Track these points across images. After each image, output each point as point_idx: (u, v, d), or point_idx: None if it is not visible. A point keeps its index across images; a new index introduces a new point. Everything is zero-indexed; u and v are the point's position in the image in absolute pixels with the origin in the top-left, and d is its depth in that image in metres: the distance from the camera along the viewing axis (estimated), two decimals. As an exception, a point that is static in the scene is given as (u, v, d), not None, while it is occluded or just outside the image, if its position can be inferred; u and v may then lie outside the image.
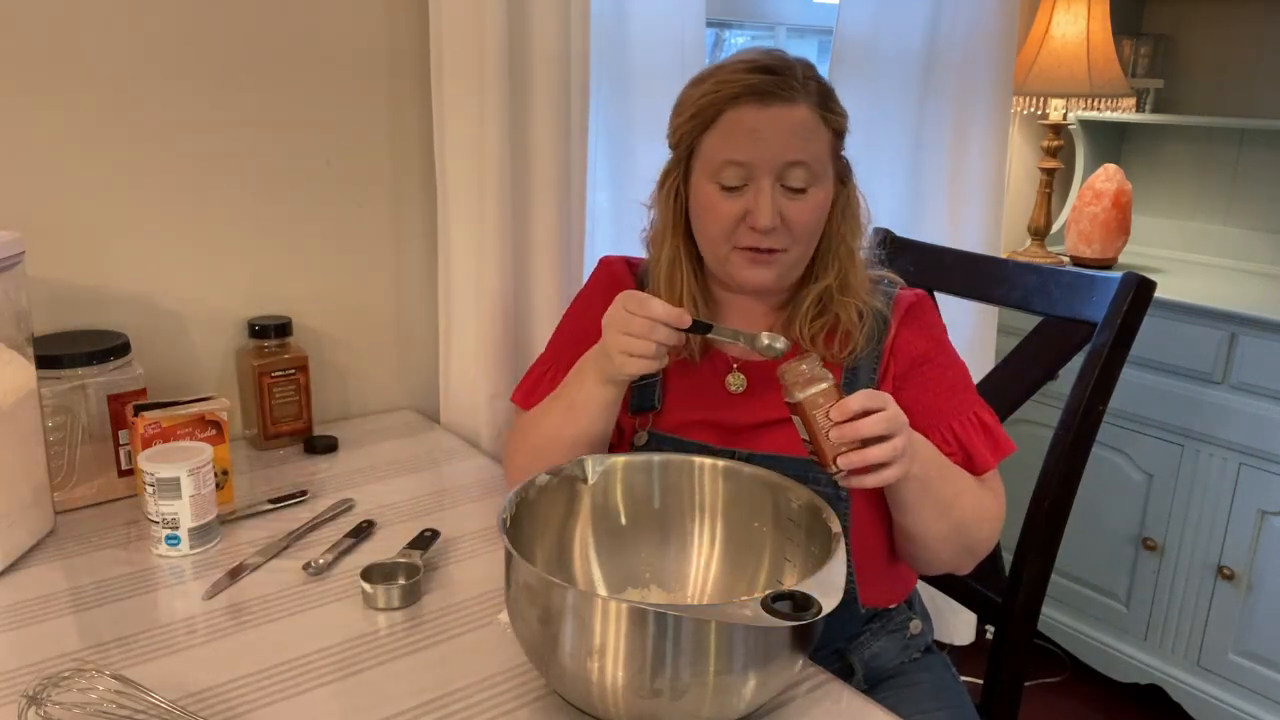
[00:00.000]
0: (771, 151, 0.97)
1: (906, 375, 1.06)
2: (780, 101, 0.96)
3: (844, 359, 1.05)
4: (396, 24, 1.42)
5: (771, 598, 0.70)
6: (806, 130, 0.98)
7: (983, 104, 1.92)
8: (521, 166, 1.47)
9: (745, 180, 0.98)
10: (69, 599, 0.96)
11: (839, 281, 1.04)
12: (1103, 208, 2.16)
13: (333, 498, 1.21)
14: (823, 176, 1.00)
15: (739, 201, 0.99)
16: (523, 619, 0.77)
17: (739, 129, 0.98)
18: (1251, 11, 2.29)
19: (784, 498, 0.90)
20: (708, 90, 0.99)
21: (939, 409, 1.04)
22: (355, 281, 1.48)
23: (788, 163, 0.97)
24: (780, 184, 0.98)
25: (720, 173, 0.99)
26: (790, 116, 0.97)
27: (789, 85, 0.97)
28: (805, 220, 0.99)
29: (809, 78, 0.99)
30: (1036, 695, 2.15)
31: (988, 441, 1.04)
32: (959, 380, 1.07)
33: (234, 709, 0.79)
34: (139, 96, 1.25)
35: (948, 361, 1.07)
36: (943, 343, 1.09)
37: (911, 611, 1.14)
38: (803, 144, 0.97)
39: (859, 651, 1.09)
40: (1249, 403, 1.83)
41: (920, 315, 1.08)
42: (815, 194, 0.99)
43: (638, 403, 1.08)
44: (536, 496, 0.89)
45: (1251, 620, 1.87)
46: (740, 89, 0.97)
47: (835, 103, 1.01)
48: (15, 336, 1.02)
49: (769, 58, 0.99)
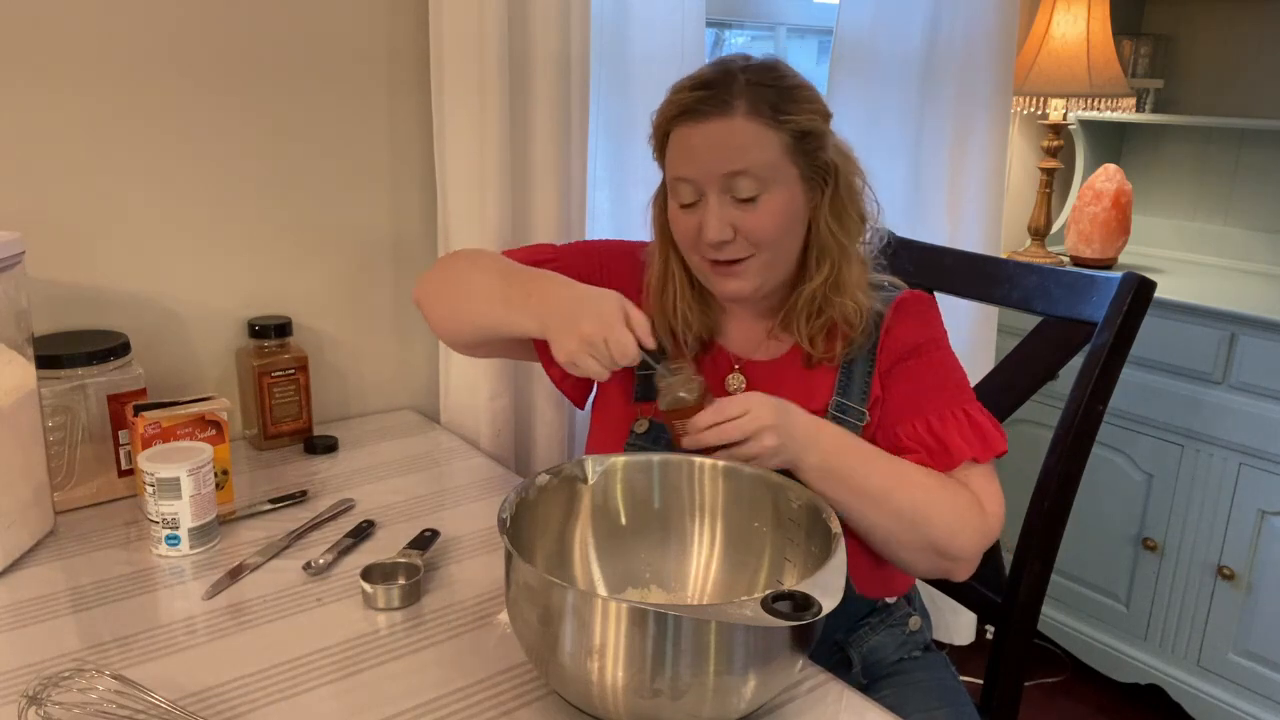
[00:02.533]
0: (709, 165, 0.98)
1: (895, 366, 1.06)
2: (716, 115, 0.97)
3: (840, 357, 1.05)
4: (396, 24, 1.42)
5: (771, 598, 0.70)
6: (744, 139, 0.97)
7: (983, 104, 1.92)
8: (521, 166, 1.47)
9: (697, 195, 1.00)
10: (69, 599, 0.96)
11: (832, 280, 1.04)
12: (1103, 208, 2.16)
13: (333, 498, 1.21)
14: (775, 182, 0.98)
15: (695, 216, 1.01)
16: (523, 619, 0.77)
17: (681, 147, 1.00)
18: (1251, 11, 2.29)
19: (784, 498, 0.90)
20: (659, 111, 1.03)
21: (919, 401, 1.04)
22: (355, 281, 1.48)
23: (727, 174, 0.98)
24: (730, 195, 0.99)
25: (676, 190, 1.02)
26: (721, 131, 0.97)
27: (722, 98, 0.97)
28: (759, 227, 0.99)
29: (755, 84, 0.98)
30: (1036, 695, 2.15)
31: (973, 436, 1.02)
32: (949, 378, 1.06)
33: (234, 709, 0.79)
34: (139, 97, 1.25)
35: (941, 359, 1.07)
36: (938, 340, 1.08)
37: (911, 608, 1.14)
38: (739, 154, 0.97)
39: (858, 645, 1.09)
40: (1249, 403, 1.83)
41: (916, 310, 1.08)
42: (769, 201, 0.99)
43: (641, 392, 1.10)
44: (536, 496, 0.89)
45: (1251, 620, 1.87)
46: (678, 108, 0.99)
47: (795, 104, 0.99)
48: (15, 336, 1.02)
49: (711, 71, 1.00)
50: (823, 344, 1.05)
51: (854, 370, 1.05)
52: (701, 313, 1.09)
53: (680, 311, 1.08)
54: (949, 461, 1.01)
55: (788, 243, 1.02)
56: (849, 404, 1.05)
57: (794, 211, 1.01)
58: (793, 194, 1.00)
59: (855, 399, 1.05)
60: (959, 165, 1.95)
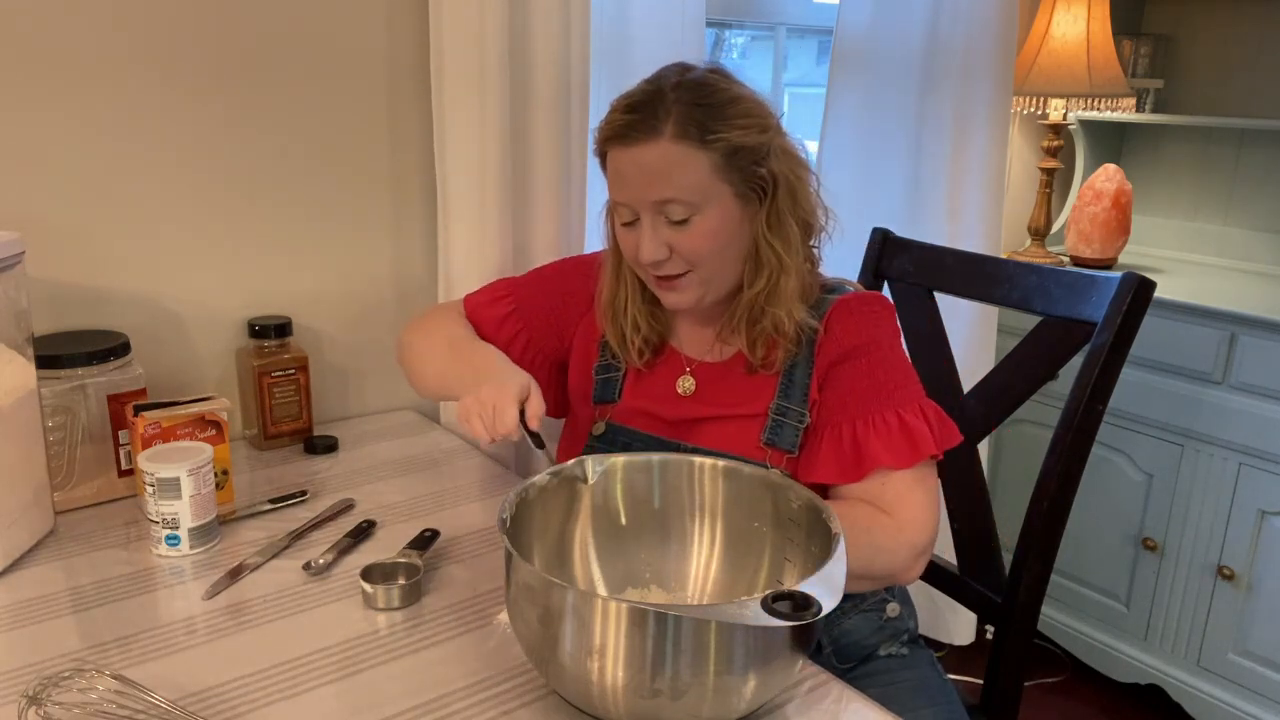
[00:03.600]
0: (638, 192, 0.99)
1: (831, 368, 1.05)
2: (640, 140, 0.97)
3: (782, 363, 1.06)
4: (397, 25, 1.42)
5: (771, 598, 0.70)
6: (668, 165, 0.97)
7: (983, 104, 1.92)
8: (521, 167, 1.47)
9: (634, 217, 1.02)
10: (69, 599, 0.96)
11: (767, 291, 1.04)
12: (1103, 208, 2.16)
13: (333, 498, 1.21)
14: (706, 203, 0.98)
15: (635, 235, 1.02)
16: (523, 619, 0.77)
17: (613, 171, 1.02)
18: (1251, 11, 2.29)
19: (784, 498, 0.90)
20: (597, 130, 1.03)
21: (848, 406, 1.03)
22: (355, 282, 1.48)
23: (656, 201, 0.98)
24: (664, 217, 0.99)
25: (616, 210, 1.04)
26: (648, 155, 0.97)
27: (647, 123, 0.97)
28: (692, 249, 1.00)
29: (685, 103, 0.97)
30: (1036, 695, 2.15)
31: (899, 441, 1.00)
32: (888, 379, 1.04)
33: (234, 709, 0.79)
34: (140, 97, 1.25)
35: (880, 359, 1.05)
36: (878, 341, 1.06)
37: (888, 594, 1.14)
38: (664, 181, 0.97)
39: (828, 629, 1.09)
40: (1249, 403, 1.83)
41: (859, 310, 1.07)
42: (700, 222, 0.99)
43: (600, 395, 1.14)
44: (536, 496, 0.90)
45: (1251, 620, 1.87)
46: (610, 130, 1.00)
47: (725, 121, 0.97)
48: (15, 336, 1.02)
49: (643, 90, 1.00)
50: (763, 350, 1.06)
51: (795, 374, 1.06)
52: (651, 316, 1.12)
53: (630, 316, 1.11)
54: (858, 471, 1.00)
55: (726, 257, 1.03)
56: (789, 406, 1.05)
57: (729, 229, 1.01)
58: (726, 212, 1.00)
59: (796, 401, 1.05)
60: (959, 165, 1.95)
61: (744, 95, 1.01)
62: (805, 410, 1.05)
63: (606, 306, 1.13)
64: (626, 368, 1.14)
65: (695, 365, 1.11)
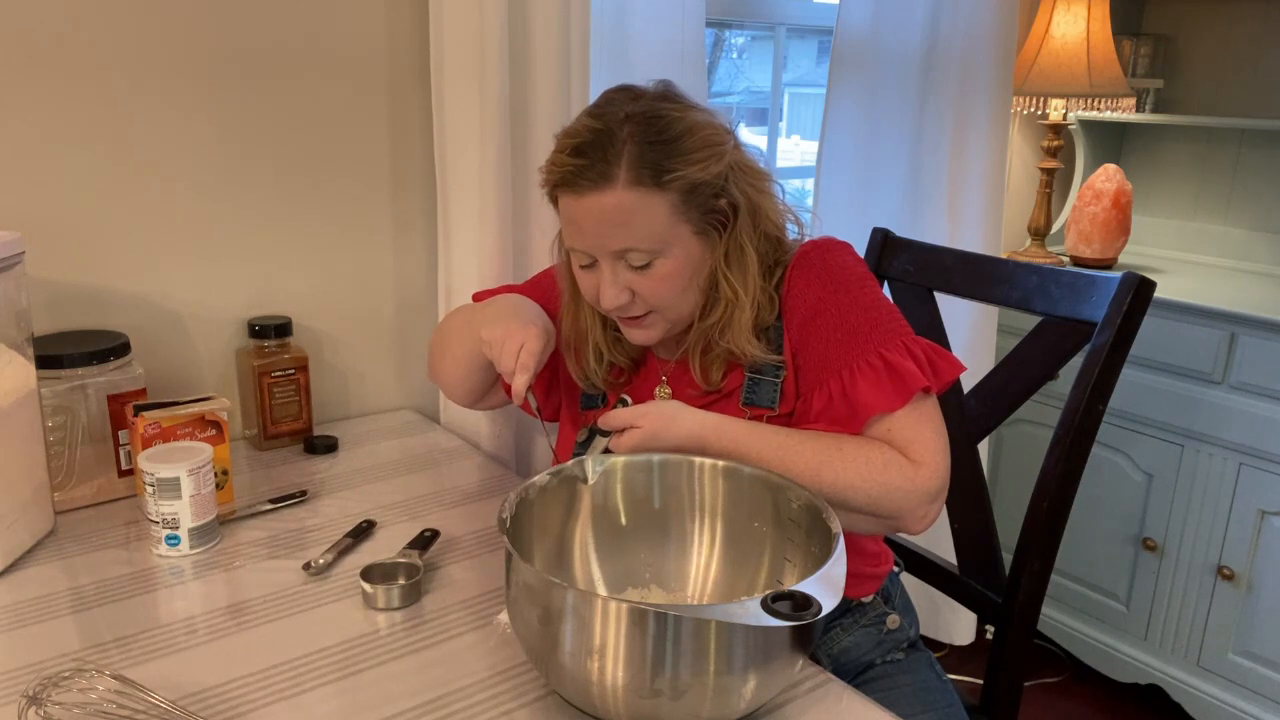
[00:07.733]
0: (595, 241, 0.97)
1: (803, 328, 1.02)
2: (592, 189, 0.94)
3: (727, 387, 1.05)
4: (396, 23, 1.42)
5: (771, 598, 0.70)
6: (625, 214, 0.94)
7: (983, 104, 1.92)
8: (521, 166, 1.47)
9: (591, 261, 1.00)
10: (69, 599, 0.96)
11: (721, 325, 1.02)
12: (1103, 208, 2.16)
13: (333, 498, 1.21)
14: (666, 247, 0.96)
15: (594, 277, 1.01)
16: (523, 619, 0.77)
17: (567, 218, 0.99)
18: (1251, 11, 2.29)
19: (784, 498, 0.90)
20: (545, 167, 0.99)
21: (828, 360, 0.99)
22: (355, 281, 1.48)
23: (615, 250, 0.97)
24: (624, 263, 0.98)
25: (573, 253, 1.02)
26: (602, 205, 0.94)
27: (597, 169, 0.93)
28: (654, 292, 0.99)
29: (637, 142, 0.93)
30: (1036, 695, 2.15)
31: (886, 384, 0.96)
32: (862, 322, 0.99)
33: (234, 709, 0.79)
34: (140, 97, 1.25)
35: (849, 304, 1.00)
36: (844, 285, 1.01)
37: (889, 606, 1.13)
38: (623, 231, 0.95)
39: (828, 647, 1.08)
40: (1249, 403, 1.83)
41: (816, 261, 1.03)
42: (662, 265, 0.97)
43: (586, 402, 1.15)
44: (536, 496, 0.89)
45: (1251, 620, 1.87)
46: (559, 176, 0.96)
47: (680, 157, 0.94)
48: (15, 336, 1.02)
49: (587, 130, 0.95)
50: (719, 373, 1.04)
51: (762, 374, 1.03)
52: (615, 342, 1.11)
53: (594, 345, 1.10)
54: (855, 424, 0.96)
55: (688, 293, 1.01)
56: (764, 360, 1.02)
57: (691, 267, 0.99)
58: (687, 252, 0.98)
59: (771, 353, 1.02)
60: (959, 165, 1.95)
61: (697, 122, 0.96)
62: (782, 360, 1.02)
63: (567, 342, 1.12)
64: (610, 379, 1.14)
65: (671, 375, 1.10)
